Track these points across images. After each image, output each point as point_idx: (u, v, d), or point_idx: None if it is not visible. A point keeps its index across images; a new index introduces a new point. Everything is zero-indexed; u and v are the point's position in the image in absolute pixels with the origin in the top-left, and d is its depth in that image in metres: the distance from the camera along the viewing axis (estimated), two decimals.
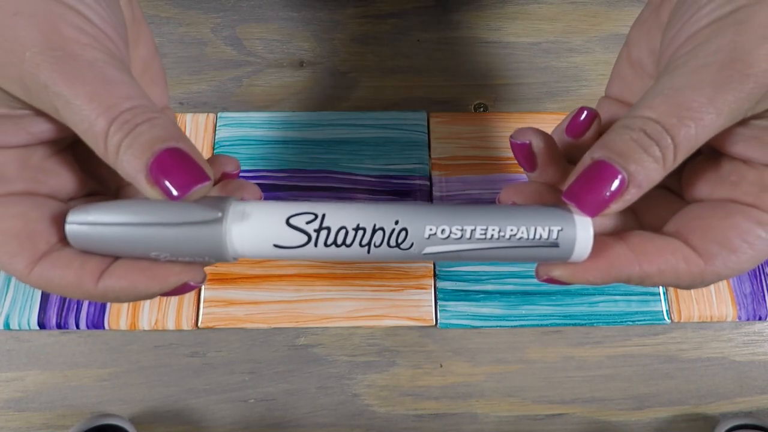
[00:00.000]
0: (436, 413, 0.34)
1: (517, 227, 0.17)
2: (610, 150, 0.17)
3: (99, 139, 0.16)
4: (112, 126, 0.16)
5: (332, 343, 0.35)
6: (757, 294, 0.34)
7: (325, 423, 0.34)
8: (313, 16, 0.42)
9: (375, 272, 0.34)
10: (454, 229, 0.17)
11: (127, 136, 0.16)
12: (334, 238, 0.17)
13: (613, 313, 0.34)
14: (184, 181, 0.16)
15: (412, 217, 0.18)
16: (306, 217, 0.17)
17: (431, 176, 0.37)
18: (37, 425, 0.33)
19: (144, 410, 0.34)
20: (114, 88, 0.16)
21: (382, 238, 0.17)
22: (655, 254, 0.19)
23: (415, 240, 0.17)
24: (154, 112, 0.17)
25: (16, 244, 0.17)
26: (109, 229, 0.17)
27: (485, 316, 0.34)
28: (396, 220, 0.17)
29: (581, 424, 0.34)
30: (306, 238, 0.17)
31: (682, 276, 0.19)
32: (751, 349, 0.35)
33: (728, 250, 0.18)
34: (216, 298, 0.34)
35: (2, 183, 0.18)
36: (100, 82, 0.16)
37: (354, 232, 0.17)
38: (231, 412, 0.34)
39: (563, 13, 0.42)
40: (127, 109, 0.16)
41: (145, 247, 0.17)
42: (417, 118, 0.38)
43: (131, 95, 0.17)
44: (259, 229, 0.17)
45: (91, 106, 0.16)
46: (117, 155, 0.16)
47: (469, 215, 0.18)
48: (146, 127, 0.16)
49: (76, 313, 0.33)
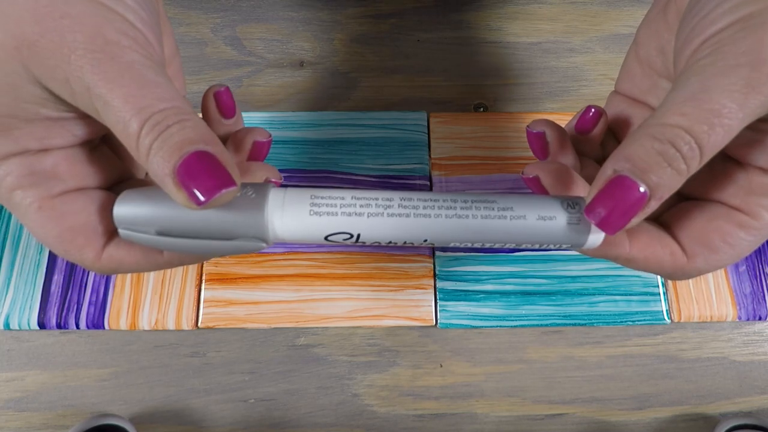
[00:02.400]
0: (436, 413, 0.34)
1: (531, 245, 0.19)
2: (633, 164, 0.17)
3: (132, 140, 0.17)
4: (144, 127, 0.17)
5: (332, 343, 0.35)
6: (757, 294, 0.34)
7: (325, 423, 0.34)
8: (313, 16, 0.42)
9: (375, 272, 0.34)
10: (476, 244, 0.19)
11: (157, 138, 0.17)
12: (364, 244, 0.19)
13: (613, 313, 0.34)
14: (209, 186, 0.17)
15: (440, 235, 0.18)
16: (343, 235, 0.18)
17: (431, 176, 0.36)
18: (37, 425, 0.33)
19: (144, 410, 0.34)
20: (149, 90, 0.17)
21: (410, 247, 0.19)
22: (647, 243, 0.20)
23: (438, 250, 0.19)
24: (187, 114, 0.17)
25: (83, 237, 0.19)
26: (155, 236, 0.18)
27: (485, 316, 0.34)
28: (425, 239, 0.18)
29: (581, 424, 0.34)
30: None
31: (665, 267, 0.20)
32: (751, 349, 0.35)
33: (709, 250, 0.20)
34: (216, 298, 0.34)
35: (58, 182, 0.19)
36: (137, 83, 0.17)
37: (385, 244, 0.19)
38: (231, 412, 0.34)
39: (563, 13, 0.42)
40: (160, 111, 0.17)
41: (191, 250, 0.18)
42: (417, 118, 0.38)
43: (165, 97, 0.17)
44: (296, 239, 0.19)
45: (126, 107, 0.16)
46: (147, 157, 0.17)
47: (491, 230, 0.18)
48: (177, 128, 0.17)
49: (76, 313, 0.33)
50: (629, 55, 0.24)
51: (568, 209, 0.19)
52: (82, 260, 0.19)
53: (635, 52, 0.23)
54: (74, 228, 0.19)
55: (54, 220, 0.18)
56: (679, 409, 0.34)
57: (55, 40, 0.17)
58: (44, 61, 0.17)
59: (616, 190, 0.17)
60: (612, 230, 0.18)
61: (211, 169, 0.17)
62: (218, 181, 0.17)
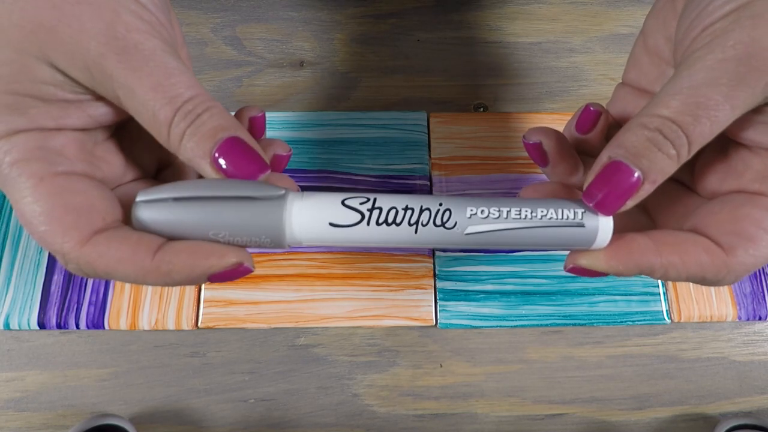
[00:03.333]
0: (436, 413, 0.34)
1: (547, 209, 0.19)
2: (626, 149, 0.18)
3: (163, 127, 0.18)
4: (176, 115, 0.17)
5: (332, 343, 0.35)
6: (757, 294, 0.34)
7: (325, 423, 0.34)
8: (313, 16, 0.42)
9: (375, 272, 0.34)
10: (492, 209, 0.19)
11: (190, 125, 0.17)
12: (385, 217, 0.19)
13: (613, 313, 0.34)
14: (246, 169, 0.18)
15: (454, 201, 0.19)
16: (359, 199, 0.19)
17: (431, 176, 0.36)
18: (37, 425, 0.33)
19: (144, 410, 0.34)
20: (175, 79, 0.18)
21: (429, 217, 0.19)
22: (676, 245, 0.19)
23: (458, 219, 0.19)
24: (212, 101, 0.18)
25: (74, 217, 0.17)
26: (175, 205, 0.18)
27: (485, 316, 0.34)
28: (440, 203, 0.19)
29: (581, 424, 0.34)
30: (359, 216, 0.19)
31: (706, 268, 0.19)
32: (751, 349, 0.35)
33: (746, 240, 0.19)
34: (216, 298, 0.34)
35: (65, 161, 0.19)
36: (162, 72, 0.17)
37: (403, 212, 0.19)
38: (231, 412, 0.34)
39: (563, 13, 0.42)
40: (189, 99, 0.18)
41: (207, 222, 0.18)
42: (417, 118, 0.38)
43: (190, 84, 0.18)
44: (317, 208, 0.19)
45: (155, 97, 0.17)
46: (180, 142, 0.18)
47: (504, 200, 0.19)
48: (207, 116, 0.18)
49: (76, 313, 0.33)
50: (636, 45, 0.24)
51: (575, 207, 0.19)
52: (62, 244, 0.17)
53: (643, 41, 0.23)
54: (68, 206, 0.17)
55: (50, 195, 0.17)
56: (679, 409, 0.34)
57: (74, 26, 0.17)
58: (62, 46, 0.17)
59: (611, 175, 0.18)
60: (608, 210, 0.18)
61: (245, 154, 0.18)
62: (253, 164, 0.18)
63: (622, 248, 0.19)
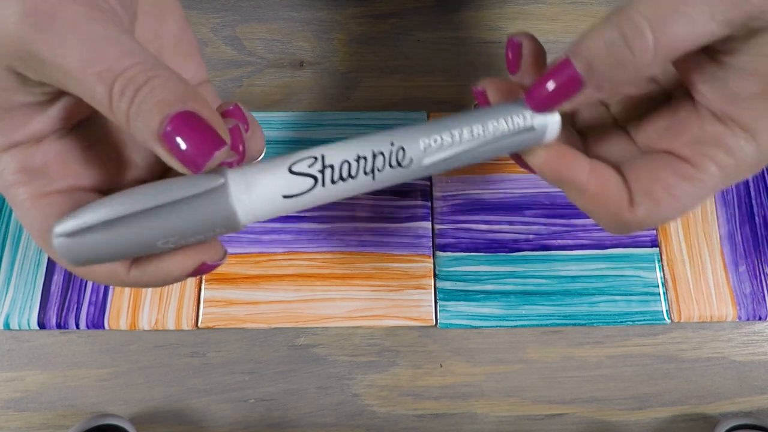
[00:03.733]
0: (436, 413, 0.34)
1: (497, 120, 0.19)
2: (578, 51, 0.17)
3: (105, 108, 0.16)
4: (112, 93, 0.15)
5: (332, 343, 0.35)
6: (757, 294, 0.34)
7: (325, 423, 0.34)
8: (313, 16, 0.42)
9: (375, 272, 0.34)
10: (445, 136, 0.19)
11: (132, 104, 0.15)
12: (339, 173, 0.18)
13: (613, 313, 0.34)
14: (200, 149, 0.15)
15: (405, 136, 0.18)
16: (307, 161, 0.18)
17: (431, 176, 0.37)
18: (37, 425, 0.33)
19: (144, 410, 0.34)
20: (103, 49, 0.15)
21: (383, 161, 0.18)
22: (605, 181, 0.20)
23: (413, 155, 0.18)
24: (154, 68, 0.16)
25: None
26: (108, 231, 0.16)
27: (485, 316, 0.34)
28: (391, 141, 0.18)
29: (581, 424, 0.34)
30: (312, 180, 0.18)
31: (610, 208, 0.20)
32: (751, 349, 0.35)
33: (652, 201, 0.19)
34: (216, 298, 0.34)
35: (48, 181, 0.18)
36: (88, 43, 0.15)
37: (356, 163, 0.18)
38: (231, 412, 0.34)
39: (563, 13, 0.42)
40: (122, 72, 0.15)
41: (151, 236, 0.16)
42: (417, 118, 0.38)
43: (123, 52, 0.15)
44: (265, 185, 0.17)
45: (85, 72, 0.15)
46: (128, 124, 0.15)
47: (453, 122, 0.19)
48: (148, 89, 0.15)
49: (76, 313, 0.33)
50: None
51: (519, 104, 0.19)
52: (59, 261, 0.18)
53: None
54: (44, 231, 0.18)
55: (39, 217, 0.18)
56: (679, 409, 0.34)
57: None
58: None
59: (556, 71, 0.18)
60: (542, 105, 0.18)
61: (198, 130, 0.15)
62: (208, 143, 0.16)
63: (559, 157, 0.20)
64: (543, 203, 0.36)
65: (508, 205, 0.36)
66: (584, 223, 0.36)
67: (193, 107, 0.15)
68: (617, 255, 0.35)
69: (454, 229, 0.35)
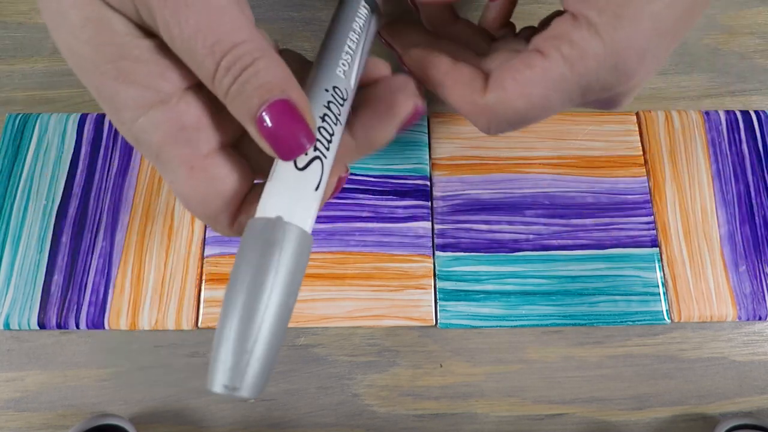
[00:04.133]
0: (436, 413, 0.34)
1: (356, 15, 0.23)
2: None
3: (207, 79, 0.16)
4: (219, 68, 0.16)
5: (332, 343, 0.35)
6: (757, 294, 0.34)
7: (325, 423, 0.34)
8: (313, 16, 0.42)
9: (375, 272, 0.34)
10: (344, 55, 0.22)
11: (235, 82, 0.16)
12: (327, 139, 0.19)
13: (613, 313, 0.34)
14: (291, 141, 0.16)
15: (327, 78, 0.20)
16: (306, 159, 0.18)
17: (431, 176, 0.37)
18: (37, 425, 0.33)
19: (144, 410, 0.34)
20: (219, 21, 0.16)
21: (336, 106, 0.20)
22: (460, 73, 0.22)
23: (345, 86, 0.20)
24: (260, 50, 0.16)
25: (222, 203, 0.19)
26: None
27: (485, 316, 0.34)
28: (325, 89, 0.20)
29: (581, 424, 0.34)
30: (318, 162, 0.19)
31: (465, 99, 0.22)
32: (751, 349, 0.35)
33: (500, 87, 0.21)
34: (216, 298, 0.34)
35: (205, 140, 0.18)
36: (204, 13, 0.15)
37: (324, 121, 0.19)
38: (231, 412, 0.34)
39: None
40: (232, 48, 0.16)
41: None
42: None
43: (236, 27, 0.16)
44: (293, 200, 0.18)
45: (196, 45, 0.15)
46: (226, 100, 0.16)
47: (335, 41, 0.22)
48: (252, 71, 0.16)
49: (76, 313, 0.33)
50: None
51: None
52: (215, 226, 0.19)
53: None
54: (218, 194, 0.18)
55: (205, 182, 0.18)
56: (679, 409, 0.34)
57: None
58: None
59: None
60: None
61: (292, 121, 0.16)
62: (299, 132, 0.16)
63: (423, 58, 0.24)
64: (543, 203, 0.36)
65: (508, 205, 0.36)
66: (584, 223, 0.36)
67: (291, 96, 0.16)
68: (617, 255, 0.35)
69: (454, 229, 0.35)
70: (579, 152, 0.37)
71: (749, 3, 0.43)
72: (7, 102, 0.39)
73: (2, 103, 0.39)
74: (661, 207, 0.36)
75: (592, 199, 0.36)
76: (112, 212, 0.35)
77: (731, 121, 0.38)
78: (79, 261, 0.34)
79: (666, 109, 0.39)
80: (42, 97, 0.39)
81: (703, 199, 0.36)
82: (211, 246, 0.35)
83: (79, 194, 0.36)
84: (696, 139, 0.38)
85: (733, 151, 0.37)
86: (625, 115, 0.38)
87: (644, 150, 0.37)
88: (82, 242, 0.35)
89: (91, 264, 0.34)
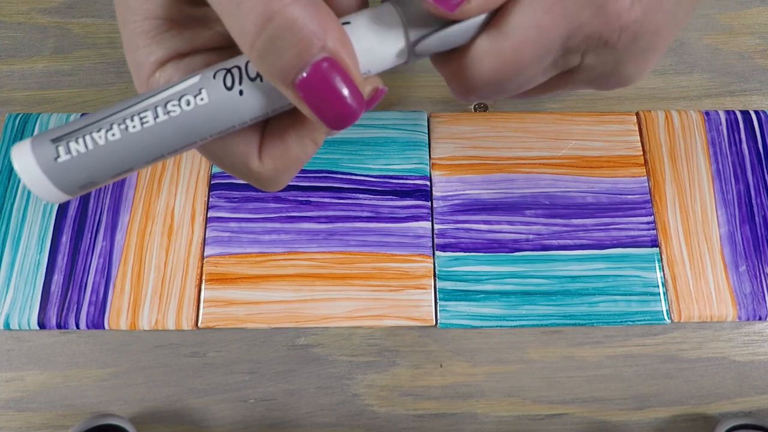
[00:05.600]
0: (436, 413, 0.34)
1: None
2: None
3: (245, 47, 0.14)
4: (259, 36, 0.14)
5: (332, 343, 0.35)
6: (757, 294, 0.34)
7: (325, 423, 0.34)
8: None
9: (375, 272, 0.34)
10: None
11: (259, 37, 0.14)
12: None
13: (613, 313, 0.34)
14: (339, 109, 0.15)
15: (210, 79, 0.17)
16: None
17: (431, 176, 0.37)
18: (37, 425, 0.33)
19: (144, 410, 0.34)
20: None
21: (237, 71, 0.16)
22: None
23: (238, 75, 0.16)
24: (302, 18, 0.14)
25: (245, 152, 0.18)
26: None
27: (485, 316, 0.34)
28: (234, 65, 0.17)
29: (581, 424, 0.34)
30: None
31: None
32: (751, 349, 0.35)
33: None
34: (216, 298, 0.34)
35: None
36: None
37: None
38: (231, 412, 0.34)
39: None
40: (273, 15, 0.14)
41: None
42: (417, 118, 0.38)
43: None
44: None
45: (241, 7, 0.14)
46: (256, 61, 0.15)
47: None
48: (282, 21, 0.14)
49: (76, 313, 0.33)
50: None
51: None
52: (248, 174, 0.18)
53: None
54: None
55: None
56: (679, 409, 0.34)
57: None
58: None
59: None
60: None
61: (337, 83, 0.14)
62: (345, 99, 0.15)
63: None
64: (543, 203, 0.36)
65: (508, 205, 0.36)
66: (584, 223, 0.36)
67: (335, 52, 0.14)
68: (617, 255, 0.35)
69: (454, 229, 0.35)
70: (579, 152, 0.37)
71: (749, 3, 0.43)
72: (7, 102, 0.39)
73: (2, 103, 0.39)
74: (661, 207, 0.36)
75: (592, 199, 0.36)
76: (112, 212, 0.35)
77: (731, 121, 0.38)
78: (79, 261, 0.34)
79: (666, 109, 0.39)
80: (42, 97, 0.39)
81: (703, 199, 0.36)
82: (211, 246, 0.35)
83: None
84: (696, 139, 0.38)
85: (733, 151, 0.37)
86: (625, 115, 0.38)
87: (644, 150, 0.37)
88: (82, 242, 0.35)
89: (91, 264, 0.34)
